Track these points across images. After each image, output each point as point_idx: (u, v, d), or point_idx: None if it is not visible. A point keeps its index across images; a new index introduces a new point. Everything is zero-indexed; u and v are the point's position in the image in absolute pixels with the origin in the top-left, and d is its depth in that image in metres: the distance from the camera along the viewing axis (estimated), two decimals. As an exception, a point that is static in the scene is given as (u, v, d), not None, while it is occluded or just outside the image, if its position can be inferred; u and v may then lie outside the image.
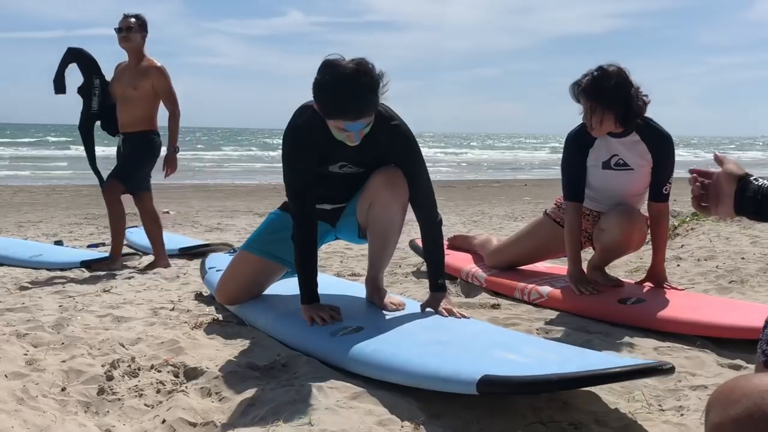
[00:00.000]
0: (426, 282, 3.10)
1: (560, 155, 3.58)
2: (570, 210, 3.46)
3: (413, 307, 2.94)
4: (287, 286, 3.34)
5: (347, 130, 2.63)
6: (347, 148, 2.75)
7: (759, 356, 1.28)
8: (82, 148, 5.18)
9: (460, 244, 4.48)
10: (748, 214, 1.40)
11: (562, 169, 3.50)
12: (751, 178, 1.39)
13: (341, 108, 2.57)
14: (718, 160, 1.46)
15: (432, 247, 2.96)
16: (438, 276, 2.93)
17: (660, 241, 3.45)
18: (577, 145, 3.44)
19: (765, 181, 1.37)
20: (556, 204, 3.77)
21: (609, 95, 3.15)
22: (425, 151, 3.52)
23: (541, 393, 2.13)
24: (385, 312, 2.87)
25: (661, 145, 3.31)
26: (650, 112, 3.29)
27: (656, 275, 3.44)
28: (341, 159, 2.88)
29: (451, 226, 7.47)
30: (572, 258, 3.44)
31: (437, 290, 2.89)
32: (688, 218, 5.73)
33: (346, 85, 2.53)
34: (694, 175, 1.48)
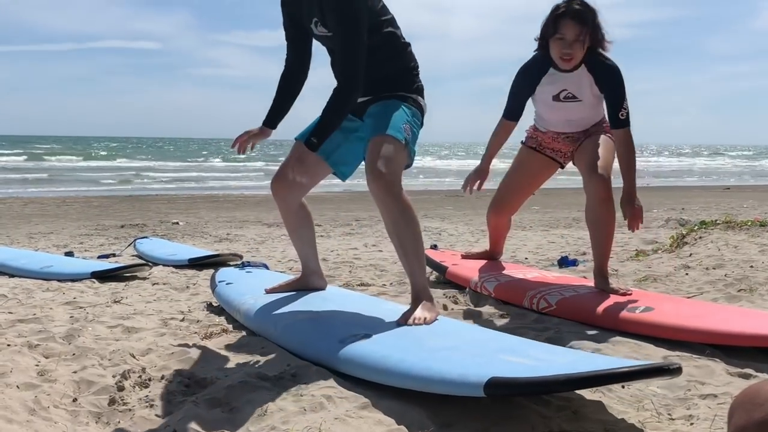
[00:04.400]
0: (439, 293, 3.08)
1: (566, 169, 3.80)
2: (502, 125, 3.77)
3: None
4: (295, 297, 3.36)
5: None
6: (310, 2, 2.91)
7: None
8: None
9: (470, 256, 4.52)
10: None
11: (510, 94, 3.71)
12: None
13: None
14: None
15: (325, 108, 2.92)
16: (313, 132, 2.89)
17: (626, 165, 3.52)
18: (530, 76, 3.61)
19: None
20: (527, 133, 3.95)
21: (593, 22, 3.37)
22: (431, 162, 3.56)
23: (548, 393, 2.12)
24: (391, 319, 2.86)
25: (606, 75, 3.45)
26: (659, 123, 3.39)
27: (627, 197, 3.51)
28: (312, 13, 2.97)
29: (459, 236, 7.48)
30: (485, 158, 3.85)
31: (306, 144, 2.88)
32: (696, 227, 5.72)
33: None
34: None
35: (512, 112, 3.74)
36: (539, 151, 3.88)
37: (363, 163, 3.04)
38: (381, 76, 3.03)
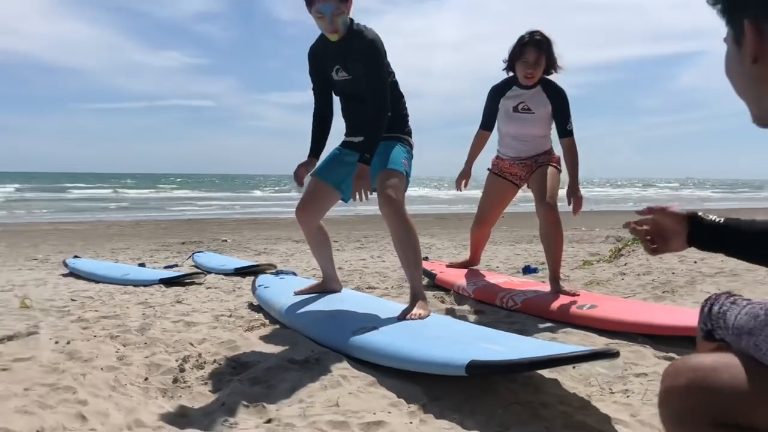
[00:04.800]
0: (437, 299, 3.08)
1: (526, 195, 3.82)
2: (479, 134, 3.87)
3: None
4: (317, 298, 3.35)
5: (322, 13, 2.80)
6: (335, 50, 2.94)
7: (699, 333, 1.28)
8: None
9: (454, 265, 4.52)
10: (700, 244, 1.28)
11: (484, 109, 3.80)
12: (701, 214, 1.30)
13: None
14: (659, 209, 1.35)
15: (367, 126, 2.93)
16: (365, 149, 2.88)
17: (571, 166, 3.58)
18: (497, 91, 3.71)
19: (716, 217, 1.28)
20: (491, 162, 3.97)
21: (549, 50, 3.49)
22: (422, 191, 3.60)
23: (515, 372, 2.11)
24: (393, 315, 2.85)
25: (557, 95, 3.54)
26: (601, 161, 3.47)
27: (571, 190, 3.56)
28: (334, 61, 2.99)
29: (445, 249, 7.46)
30: (467, 162, 3.92)
31: (360, 161, 2.85)
32: (630, 242, 5.71)
33: None
34: (633, 226, 1.39)
35: (486, 123, 3.84)
36: (501, 176, 3.87)
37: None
38: None
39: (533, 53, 3.46)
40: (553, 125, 3.65)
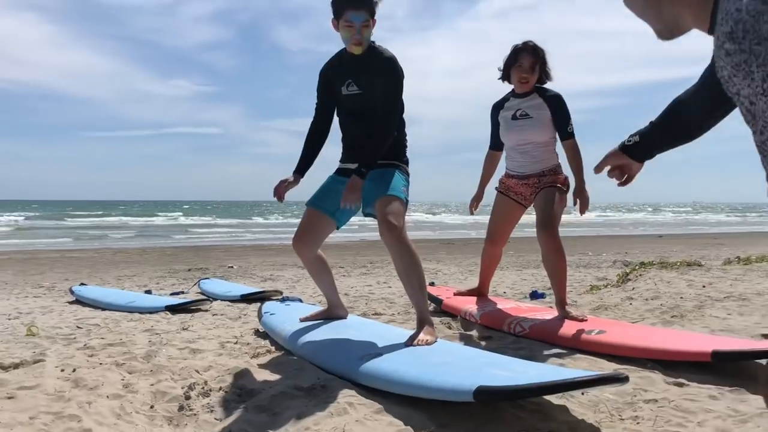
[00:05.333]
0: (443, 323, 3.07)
1: (532, 218, 3.76)
2: (489, 155, 3.99)
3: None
4: (323, 324, 3.34)
5: (352, 22, 2.86)
6: (351, 65, 2.99)
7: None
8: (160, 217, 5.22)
9: (461, 293, 4.49)
10: (642, 156, 1.66)
11: (491, 128, 3.89)
12: (625, 142, 1.68)
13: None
14: (607, 159, 1.71)
15: (373, 136, 2.95)
16: (363, 161, 2.92)
17: (575, 167, 3.60)
18: (496, 106, 3.81)
19: (633, 135, 1.67)
20: (499, 181, 3.97)
21: (543, 57, 3.58)
22: (426, 217, 3.61)
23: (523, 398, 2.09)
24: (399, 341, 2.84)
25: (554, 99, 3.57)
26: (607, 185, 3.43)
27: (579, 193, 3.57)
28: (347, 76, 3.02)
29: (451, 275, 7.44)
30: (479, 186, 4.04)
31: (355, 173, 2.90)
32: (637, 267, 5.69)
33: None
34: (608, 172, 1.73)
35: (494, 143, 3.93)
36: (506, 194, 3.86)
37: (360, 211, 3.09)
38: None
39: (528, 58, 3.56)
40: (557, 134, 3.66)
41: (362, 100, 3.02)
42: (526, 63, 3.55)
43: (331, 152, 3.36)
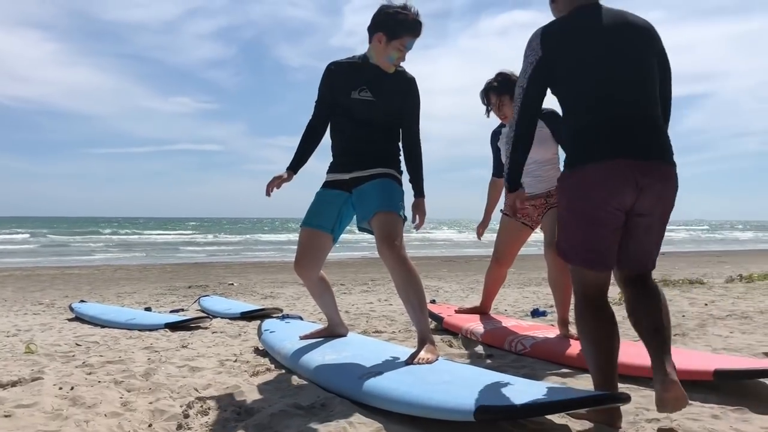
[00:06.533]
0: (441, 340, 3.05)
1: (534, 237, 3.87)
2: (492, 183, 4.06)
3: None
4: (323, 342, 3.33)
5: (404, 48, 2.95)
6: (371, 75, 3.01)
7: None
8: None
9: (463, 311, 4.48)
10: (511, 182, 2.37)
11: (493, 156, 4.00)
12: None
13: (413, 25, 2.91)
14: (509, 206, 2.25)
15: (412, 161, 3.11)
16: (418, 186, 3.12)
17: None
18: (495, 133, 3.95)
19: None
20: (505, 203, 3.97)
21: (511, 87, 3.57)
22: (428, 234, 3.63)
23: (525, 417, 2.08)
24: (400, 359, 2.83)
25: (549, 116, 3.58)
26: None
27: None
28: (363, 83, 3.03)
29: (453, 292, 7.43)
30: (485, 213, 4.06)
31: (421, 195, 3.12)
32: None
33: (416, 11, 2.91)
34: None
35: (495, 170, 4.02)
36: (513, 217, 3.86)
37: (355, 223, 3.12)
38: (381, 150, 3.07)
39: (494, 98, 3.72)
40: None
41: (373, 107, 3.01)
42: (495, 101, 3.71)
43: (315, 167, 3.38)
